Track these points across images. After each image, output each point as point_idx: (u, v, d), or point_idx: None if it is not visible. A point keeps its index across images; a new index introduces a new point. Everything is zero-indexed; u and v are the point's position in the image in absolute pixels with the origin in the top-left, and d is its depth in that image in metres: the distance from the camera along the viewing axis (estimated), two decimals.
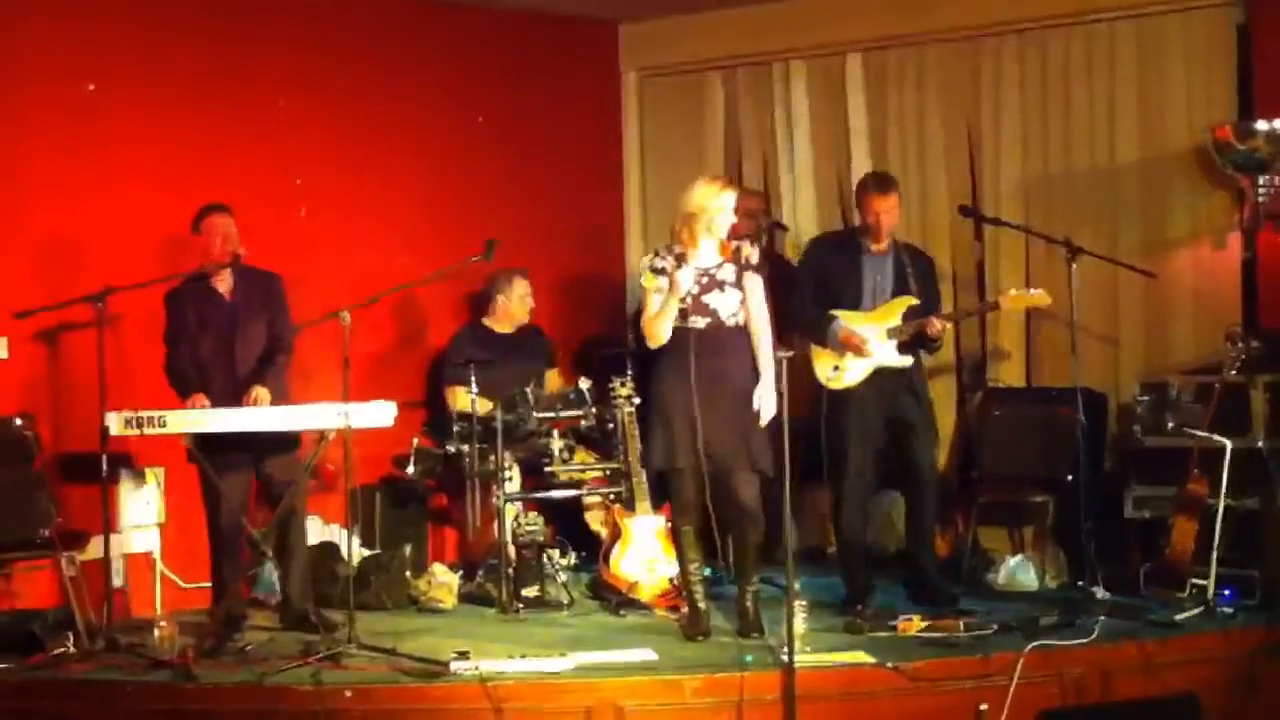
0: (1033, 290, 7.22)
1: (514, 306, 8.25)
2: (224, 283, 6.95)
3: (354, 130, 8.39)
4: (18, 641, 6.37)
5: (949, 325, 7.35)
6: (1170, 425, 7.46)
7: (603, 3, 9.25)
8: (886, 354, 7.10)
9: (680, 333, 6.45)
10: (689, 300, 6.44)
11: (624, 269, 9.75)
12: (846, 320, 7.10)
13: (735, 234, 6.57)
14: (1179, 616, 6.47)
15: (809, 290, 7.23)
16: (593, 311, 9.48)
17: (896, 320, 7.12)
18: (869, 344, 7.06)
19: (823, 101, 9.28)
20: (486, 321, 8.32)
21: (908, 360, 7.14)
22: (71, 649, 6.30)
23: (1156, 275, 7.79)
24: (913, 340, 7.12)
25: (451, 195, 8.74)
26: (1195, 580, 6.73)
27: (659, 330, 6.47)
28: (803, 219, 9.26)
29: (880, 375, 7.09)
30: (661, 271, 6.49)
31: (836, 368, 7.10)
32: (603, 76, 9.76)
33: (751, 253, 6.52)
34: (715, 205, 6.48)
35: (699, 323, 6.46)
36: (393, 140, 8.56)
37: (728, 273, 6.51)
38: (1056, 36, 8.52)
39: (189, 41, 7.76)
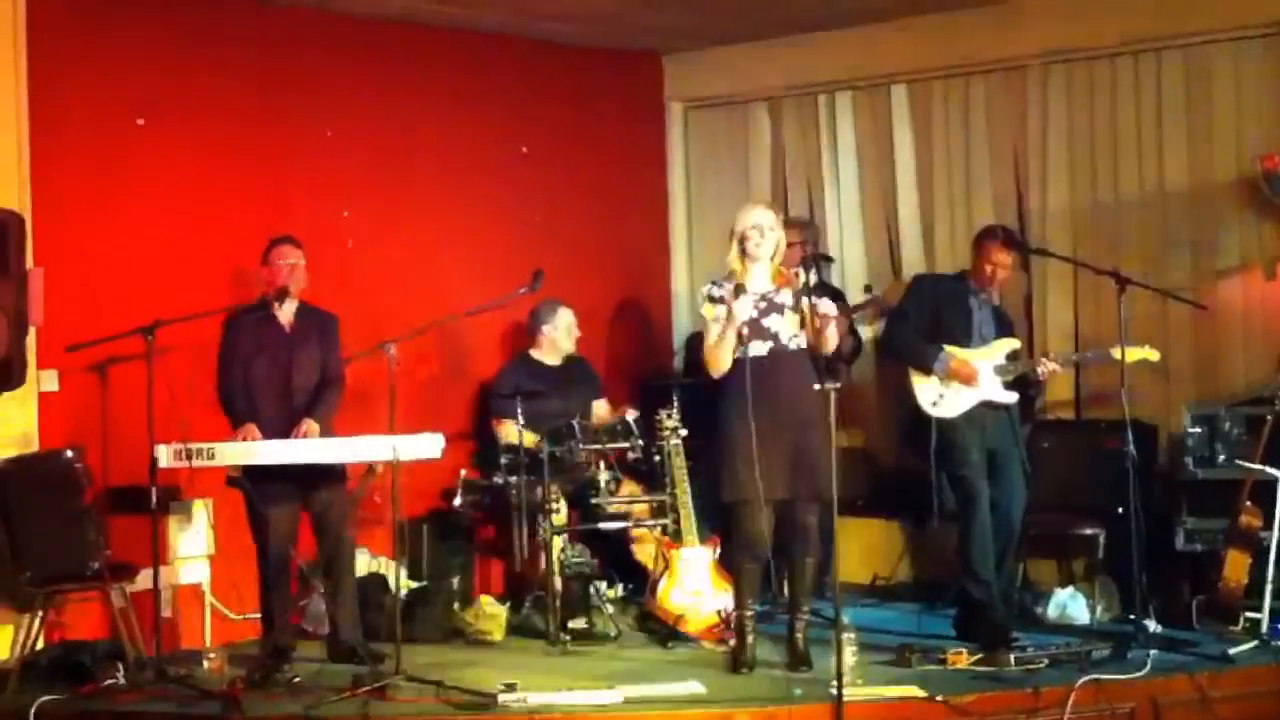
0: (1145, 347, 7.16)
1: (560, 337, 8.24)
2: (284, 314, 6.99)
3: (400, 162, 8.44)
4: (68, 672, 6.43)
5: (1057, 369, 7.33)
6: (1221, 457, 7.43)
7: (647, 34, 9.27)
8: (993, 389, 7.10)
9: (740, 361, 6.43)
10: (746, 327, 6.43)
11: (670, 300, 9.76)
12: (956, 352, 7.11)
13: (787, 265, 6.60)
14: (1232, 650, 6.43)
15: (915, 319, 7.22)
16: (640, 343, 9.48)
17: (1002, 359, 7.15)
18: (978, 377, 7.06)
19: (869, 132, 9.28)
20: (533, 353, 8.32)
21: (1013, 397, 7.16)
22: (121, 680, 6.33)
23: (1207, 307, 7.73)
24: (1016, 381, 7.17)
25: (497, 227, 8.77)
26: (1248, 613, 6.69)
27: (719, 359, 6.46)
28: (849, 250, 9.26)
29: (982, 408, 7.10)
30: (719, 300, 6.49)
31: (942, 395, 7.09)
32: (648, 107, 9.79)
33: (809, 278, 6.48)
34: (745, 224, 6.51)
35: (760, 349, 6.44)
36: (439, 172, 8.60)
37: (785, 297, 6.51)
38: (1103, 66, 8.49)
39: (237, 75, 7.81)
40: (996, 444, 7.11)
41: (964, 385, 7.04)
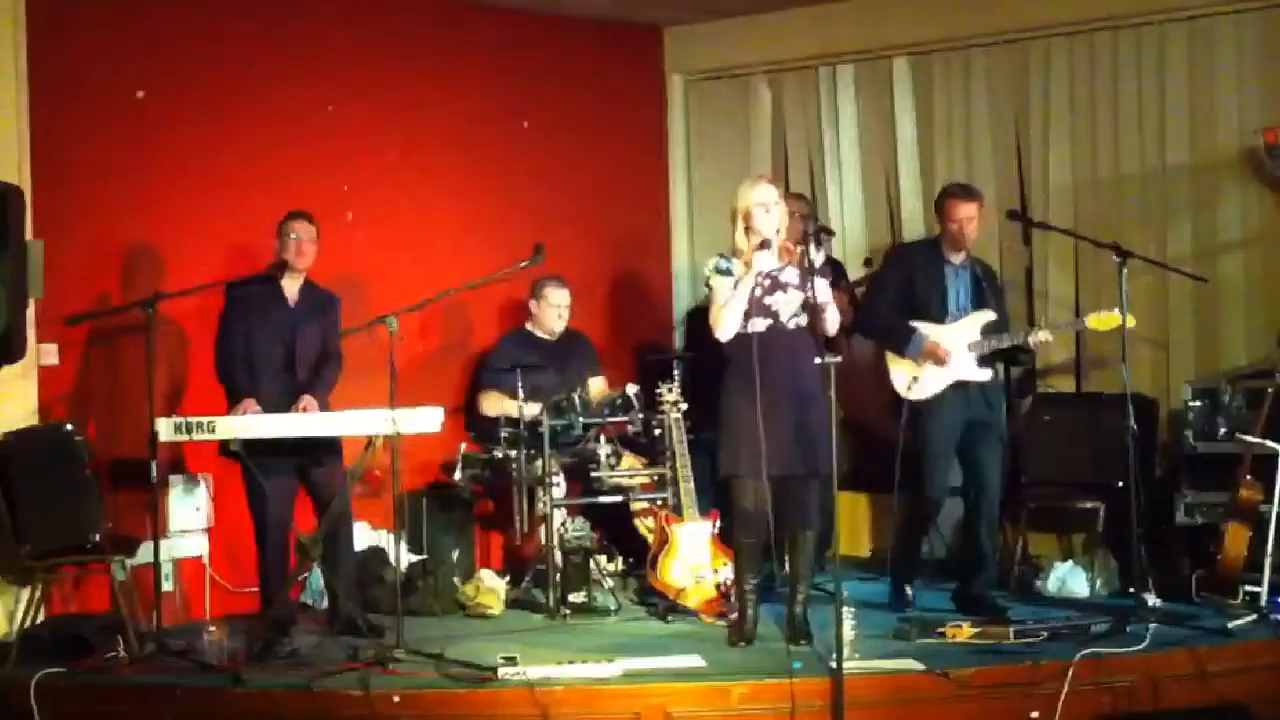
0: (1107, 312, 7.14)
1: (548, 316, 8.21)
2: (291, 289, 7.01)
3: (400, 136, 8.43)
4: (68, 645, 6.42)
5: (1049, 338, 7.34)
6: (1222, 431, 7.43)
7: (648, 7, 9.24)
8: (967, 368, 7.10)
9: (741, 338, 6.42)
10: (751, 302, 6.41)
11: (670, 274, 9.74)
12: (929, 332, 7.10)
13: (788, 237, 6.59)
14: (1231, 624, 6.42)
15: (890, 295, 7.22)
16: (639, 316, 9.47)
17: (976, 334, 7.12)
18: (952, 356, 7.06)
19: (869, 105, 9.26)
20: (530, 327, 8.31)
21: (986, 374, 7.15)
22: (121, 653, 6.34)
23: (1208, 280, 7.73)
24: (994, 355, 7.16)
25: (498, 200, 8.75)
26: (1248, 587, 6.68)
27: (728, 318, 6.41)
28: (850, 223, 9.25)
29: (958, 386, 7.11)
30: (728, 273, 6.46)
31: (915, 378, 7.09)
32: (648, 81, 9.75)
33: (816, 256, 6.46)
34: (748, 201, 6.46)
35: (759, 325, 6.41)
36: (439, 146, 8.59)
37: (790, 275, 6.47)
38: (1105, 38, 8.47)
39: (237, 49, 7.80)
40: (973, 415, 7.13)
41: (938, 366, 7.04)
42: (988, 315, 7.16)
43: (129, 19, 7.45)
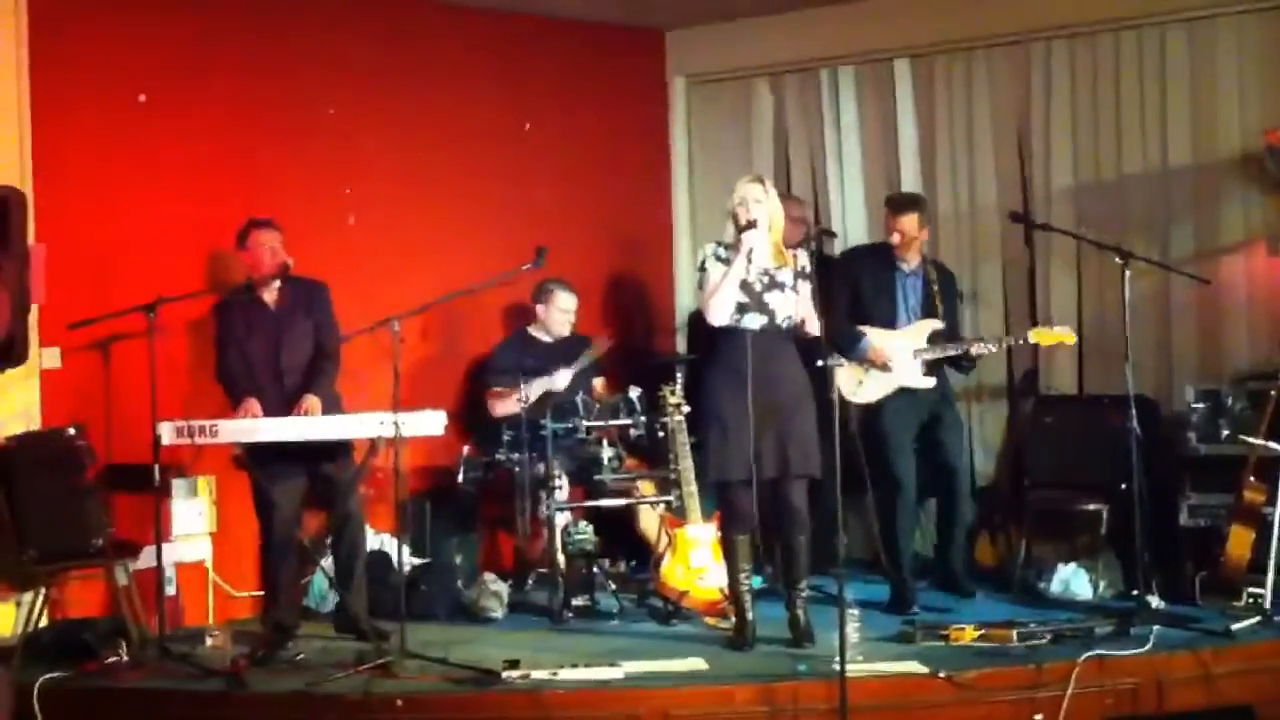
0: (1057, 328, 7.43)
1: (551, 319, 8.21)
2: (270, 293, 6.98)
3: (403, 139, 8.42)
4: (71, 650, 6.41)
5: (992, 349, 7.44)
6: (1225, 433, 7.42)
7: (650, 9, 9.24)
8: (910, 375, 7.29)
9: (733, 334, 6.43)
10: (749, 293, 6.42)
11: (672, 276, 9.73)
12: (876, 337, 7.26)
13: (787, 242, 6.61)
14: (1235, 626, 6.41)
15: (843, 301, 7.28)
16: (642, 319, 9.46)
17: (923, 342, 7.27)
18: (894, 362, 7.22)
19: (871, 107, 9.24)
20: (532, 330, 8.30)
21: (930, 383, 7.34)
22: (124, 658, 6.35)
23: (1210, 281, 7.72)
24: (939, 363, 7.33)
25: (500, 203, 8.74)
26: (1251, 589, 6.68)
27: (720, 299, 6.43)
28: (852, 225, 9.23)
29: (904, 392, 7.29)
30: (726, 261, 6.48)
31: (860, 382, 7.30)
32: (650, 83, 9.74)
33: (805, 263, 6.50)
34: (732, 201, 6.53)
35: (754, 322, 6.44)
36: (441, 148, 8.57)
37: (786, 275, 6.51)
38: (1107, 40, 8.45)
39: (239, 53, 7.78)
40: (929, 415, 7.37)
41: (881, 371, 7.17)
42: (934, 324, 7.34)
43: (130, 23, 7.44)
